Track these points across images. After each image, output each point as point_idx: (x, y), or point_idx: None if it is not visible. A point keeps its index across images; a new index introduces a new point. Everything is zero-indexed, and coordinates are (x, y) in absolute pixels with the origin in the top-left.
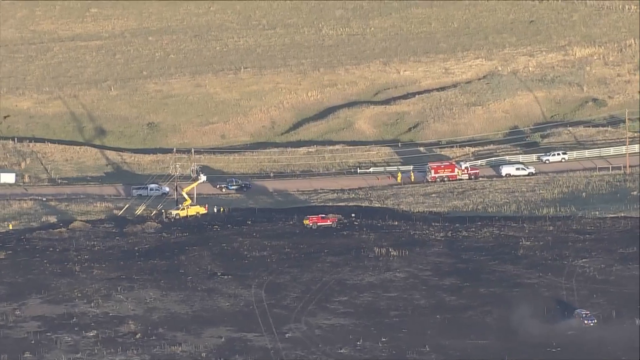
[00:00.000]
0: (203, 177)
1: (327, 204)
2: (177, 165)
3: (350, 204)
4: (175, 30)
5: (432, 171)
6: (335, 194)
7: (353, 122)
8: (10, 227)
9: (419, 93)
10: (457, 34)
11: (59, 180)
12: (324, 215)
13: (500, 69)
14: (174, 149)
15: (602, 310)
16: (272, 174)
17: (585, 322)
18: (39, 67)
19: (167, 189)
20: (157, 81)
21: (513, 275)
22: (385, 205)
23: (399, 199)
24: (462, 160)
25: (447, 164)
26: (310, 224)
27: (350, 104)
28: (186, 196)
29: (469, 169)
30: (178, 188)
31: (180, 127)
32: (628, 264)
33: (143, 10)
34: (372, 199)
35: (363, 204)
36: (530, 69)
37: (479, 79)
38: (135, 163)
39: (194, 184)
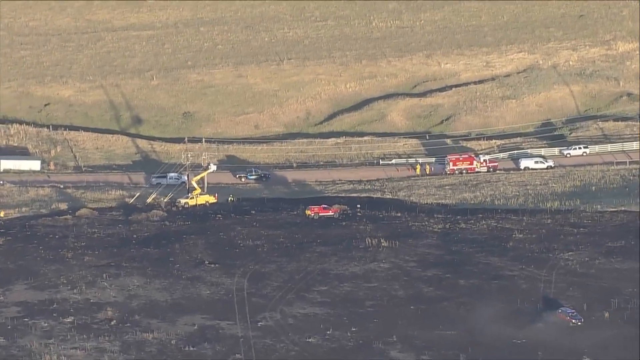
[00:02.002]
0: (213, 167)
1: (340, 195)
2: (189, 155)
3: (363, 195)
4: (227, 21)
5: (450, 163)
6: (352, 185)
7: (386, 114)
8: (2, 215)
9: (457, 86)
10: (505, 27)
11: (84, 168)
12: (326, 206)
13: (540, 62)
14: (185, 138)
15: (574, 303)
16: (295, 165)
17: (573, 321)
18: (87, 56)
19: (184, 178)
20: (199, 71)
21: (496, 267)
22: (396, 197)
23: (411, 191)
24: (482, 153)
25: (466, 156)
26: (312, 215)
27: (386, 96)
28: (195, 185)
29: (488, 161)
30: (188, 177)
31: (215, 116)
32: (612, 258)
33: (199, 2)
34: (385, 190)
35: (375, 195)
36: (570, 63)
37: (518, 73)
38: (164, 152)
39: (204, 173)
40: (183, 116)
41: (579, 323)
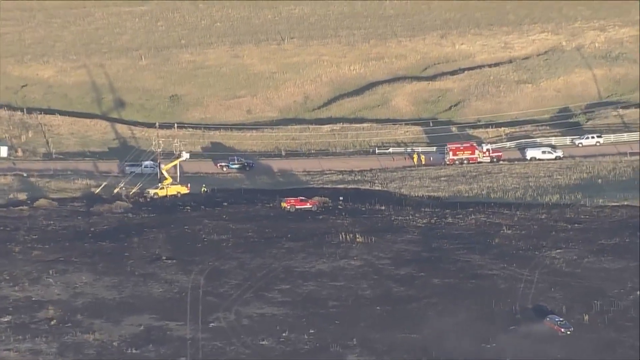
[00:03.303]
0: (185, 155)
1: (326, 186)
2: (160, 141)
3: (350, 186)
4: None
5: (450, 153)
6: (341, 176)
7: (390, 98)
8: None
9: (470, 69)
10: (530, 5)
11: (55, 155)
12: (303, 198)
13: (564, 44)
14: (156, 123)
15: (554, 305)
16: (283, 153)
17: (562, 330)
18: (72, 33)
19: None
20: (192, 51)
21: (476, 266)
22: (386, 189)
23: (404, 182)
24: (487, 142)
25: (467, 145)
26: (288, 207)
27: (392, 80)
28: (166, 174)
29: (491, 151)
30: (159, 165)
31: (204, 100)
32: (602, 256)
33: None
34: (376, 181)
35: (363, 187)
36: (596, 44)
37: (538, 55)
38: (144, 138)
39: (175, 162)
40: (170, 99)
41: (569, 332)
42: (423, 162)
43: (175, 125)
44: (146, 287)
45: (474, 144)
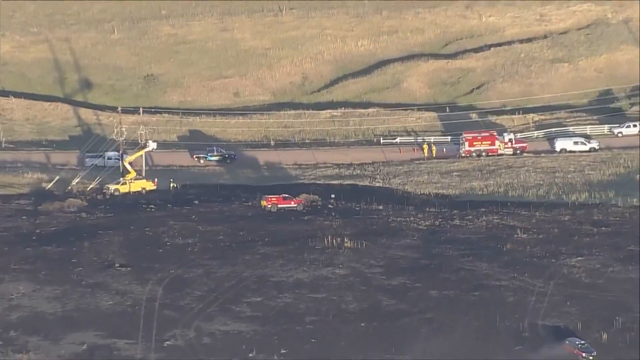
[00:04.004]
0: (152, 145)
1: (318, 182)
2: (122, 129)
3: (347, 182)
4: None
5: (466, 144)
6: (337, 169)
7: (402, 79)
8: None
9: (498, 45)
10: None
11: (5, 144)
12: (287, 196)
13: (609, 16)
14: (119, 108)
15: (567, 321)
16: (273, 143)
17: (583, 354)
18: (34, 2)
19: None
20: (174, 23)
21: (481, 275)
22: (387, 185)
23: (409, 178)
24: (511, 131)
25: (486, 134)
26: (269, 206)
27: (405, 57)
28: (129, 168)
29: (514, 141)
30: (122, 157)
31: (185, 80)
32: (629, 265)
33: None
34: (377, 176)
35: (361, 183)
36: None
37: (578, 29)
38: (112, 125)
39: (140, 152)
40: (145, 80)
41: (591, 357)
42: (434, 154)
43: (140, 110)
44: (94, 299)
45: (494, 134)
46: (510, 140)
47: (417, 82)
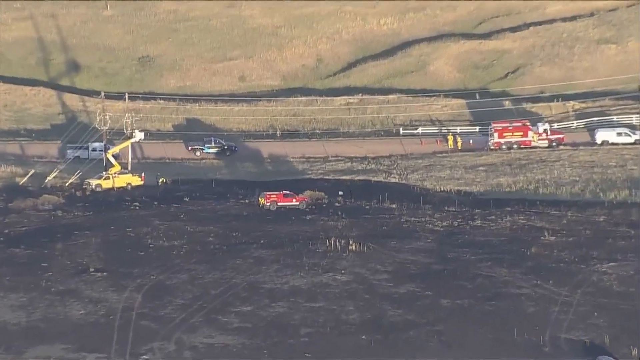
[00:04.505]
0: (139, 135)
1: (326, 177)
2: (106, 117)
3: (359, 177)
4: None
5: (495, 135)
6: (349, 163)
7: (429, 62)
8: None
9: (538, 24)
10: None
11: None
12: (288, 193)
13: None
14: (102, 93)
15: (595, 335)
16: (279, 133)
17: None
18: None
19: (117, 151)
20: None
21: (500, 283)
22: (404, 181)
23: (429, 173)
24: (546, 120)
25: (518, 124)
26: (268, 204)
27: (433, 38)
28: (113, 161)
29: (549, 132)
30: (106, 149)
31: (184, 63)
32: None
33: None
34: (393, 171)
35: (375, 178)
36: None
37: (629, 6)
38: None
39: (125, 143)
40: (139, 62)
41: None
42: (459, 147)
43: (126, 95)
44: (63, 308)
45: (527, 124)
46: (545, 131)
47: (445, 66)
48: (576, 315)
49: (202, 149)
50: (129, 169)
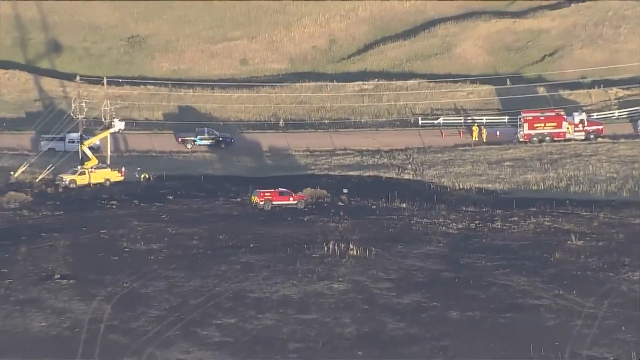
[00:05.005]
0: (119, 125)
1: (331, 173)
2: (82, 104)
3: (368, 173)
4: None
5: (525, 125)
6: (359, 157)
7: (455, 44)
8: None
9: (580, 0)
10: None
11: None
12: (284, 191)
13: None
14: (77, 77)
15: (621, 352)
16: (282, 123)
17: None
18: None
19: (97, 142)
20: None
21: (517, 292)
22: (419, 178)
23: (447, 169)
24: (584, 110)
25: (551, 114)
26: (262, 203)
27: (461, 16)
28: (89, 153)
29: (586, 123)
30: (81, 140)
31: (179, 44)
32: None
33: None
34: (407, 166)
35: (386, 175)
36: None
37: None
38: (81, 98)
39: (103, 134)
40: (128, 42)
41: None
42: (484, 139)
43: (104, 80)
44: (23, 320)
45: (562, 113)
46: (581, 121)
47: (473, 47)
48: (601, 330)
49: (194, 141)
50: (108, 163)
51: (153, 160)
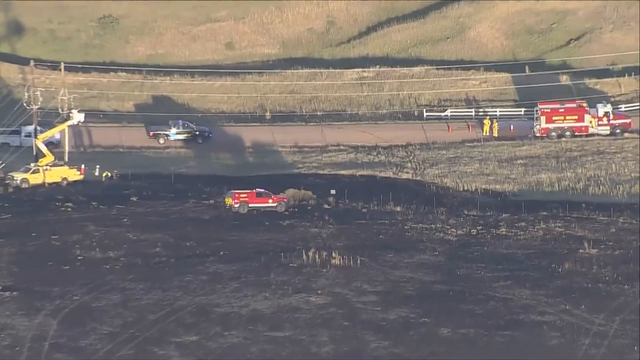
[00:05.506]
0: (78, 116)
1: (321, 172)
2: (37, 93)
3: (362, 172)
4: None
5: (543, 119)
6: (353, 154)
7: (469, 26)
8: None
9: None
10: None
11: None
12: (262, 192)
13: None
14: (31, 61)
15: None
16: (268, 115)
17: None
18: None
19: (57, 136)
20: None
21: (518, 307)
22: (419, 178)
23: (452, 167)
24: (603, 102)
25: (572, 106)
26: (237, 205)
27: None
28: (44, 149)
29: (611, 116)
30: (35, 133)
31: (157, 25)
32: None
33: None
34: (407, 164)
35: (382, 174)
36: None
37: None
38: (44, 85)
39: (60, 127)
40: (99, 23)
41: None
42: (496, 134)
43: (62, 65)
44: None
45: (584, 105)
46: (606, 114)
47: (490, 30)
48: (610, 350)
49: (167, 135)
50: (66, 159)
51: (120, 157)
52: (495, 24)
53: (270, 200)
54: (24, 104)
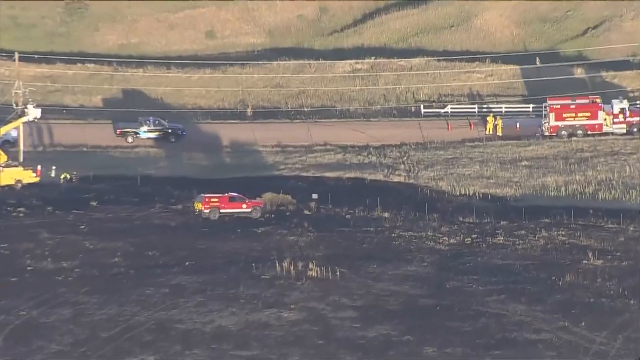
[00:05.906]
0: (35, 112)
1: (304, 174)
2: None
3: (350, 174)
4: None
5: (552, 116)
6: (341, 155)
7: (475, 13)
8: None
9: None
10: None
11: None
12: (235, 196)
13: None
14: None
15: None
16: (250, 112)
17: None
18: None
19: (14, 134)
20: None
21: (512, 324)
22: (412, 181)
23: (449, 169)
24: (620, 97)
25: (584, 102)
26: (207, 211)
27: None
28: None
29: (628, 113)
30: None
31: (129, 12)
32: None
33: None
34: (400, 166)
35: (371, 177)
36: None
37: None
38: (11, 78)
39: (14, 124)
40: (66, 9)
41: None
42: (499, 132)
43: (16, 55)
44: None
45: (597, 101)
46: (622, 110)
47: (498, 18)
48: None
49: (136, 133)
50: (21, 160)
51: (83, 157)
52: (505, 12)
53: (244, 206)
54: None
